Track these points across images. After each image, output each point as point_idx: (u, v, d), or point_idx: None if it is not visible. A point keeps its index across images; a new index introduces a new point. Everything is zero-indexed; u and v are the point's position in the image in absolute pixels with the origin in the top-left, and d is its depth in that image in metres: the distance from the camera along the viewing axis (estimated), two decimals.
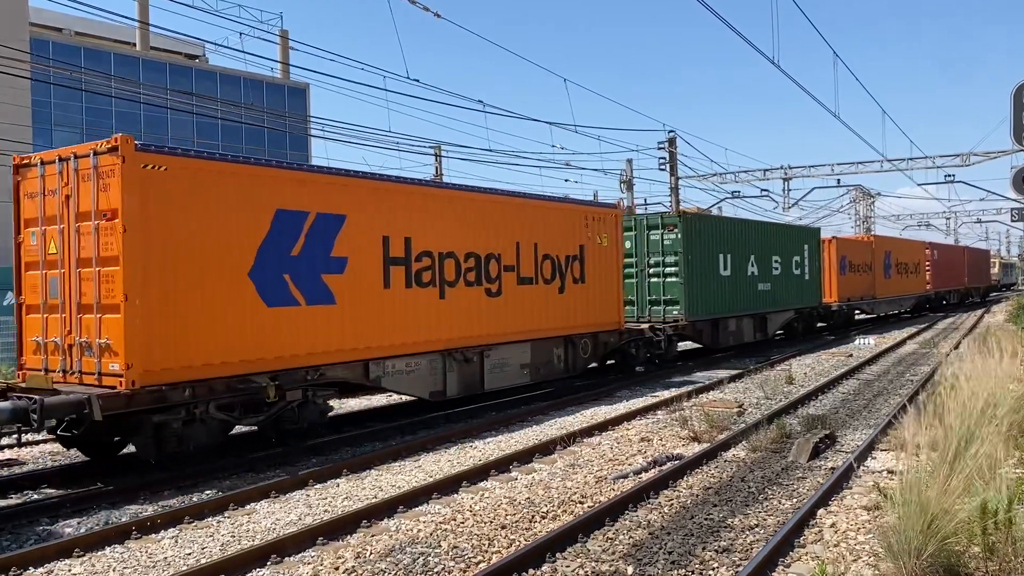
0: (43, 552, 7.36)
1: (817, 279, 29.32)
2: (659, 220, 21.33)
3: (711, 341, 22.75)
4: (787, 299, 26.63)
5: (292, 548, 7.40)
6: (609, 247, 17.88)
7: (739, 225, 24.52)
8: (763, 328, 25.42)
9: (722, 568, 6.82)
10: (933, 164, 39.44)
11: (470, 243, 14.24)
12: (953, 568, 5.96)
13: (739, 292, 23.47)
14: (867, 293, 35.23)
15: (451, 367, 13.93)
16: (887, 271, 37.81)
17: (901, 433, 10.37)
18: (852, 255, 33.71)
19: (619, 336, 18.41)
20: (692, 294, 21.04)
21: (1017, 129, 13.21)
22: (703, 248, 21.72)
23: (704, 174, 41.80)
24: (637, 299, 21.32)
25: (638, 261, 21.41)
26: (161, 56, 56.82)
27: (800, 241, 28.19)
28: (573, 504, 8.79)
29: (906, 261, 41.09)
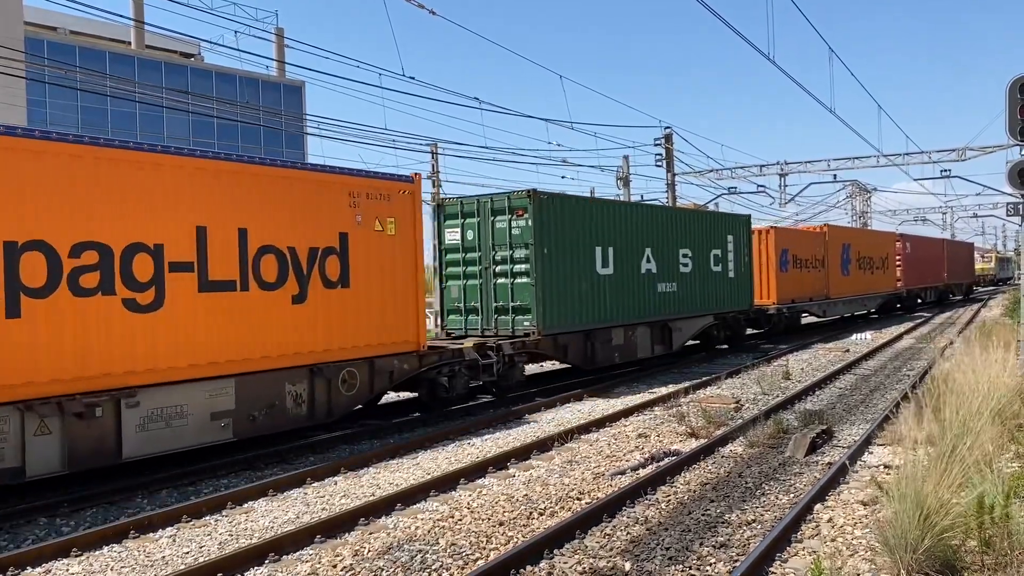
0: (41, 552, 7.35)
1: (747, 277, 24.32)
2: (506, 202, 16.35)
3: (584, 359, 17.50)
4: (702, 302, 21.80)
5: (290, 546, 7.41)
6: (398, 237, 13.01)
7: (625, 210, 19.42)
8: (666, 339, 20.29)
9: (719, 564, 6.83)
10: (929, 159, 39.49)
11: (81, 228, 9.20)
12: (950, 562, 5.98)
13: (628, 295, 18.59)
14: (818, 293, 30.41)
15: (42, 428, 8.83)
16: (845, 267, 33.06)
17: (898, 428, 10.43)
18: (797, 248, 28.80)
19: (417, 361, 13.44)
20: (550, 299, 16.20)
21: (1013, 124, 13.21)
22: (568, 239, 16.85)
23: (700, 170, 41.81)
24: (482, 307, 16.71)
25: (482, 256, 16.66)
26: (156, 55, 56.71)
27: (721, 231, 23.05)
28: (571, 501, 8.80)
29: (871, 255, 36.09)
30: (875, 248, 37.08)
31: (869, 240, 37.36)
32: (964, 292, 57.16)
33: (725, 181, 42.52)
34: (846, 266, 33.15)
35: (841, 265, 32.57)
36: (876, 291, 36.90)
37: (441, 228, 17.31)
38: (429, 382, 13.96)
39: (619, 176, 38.07)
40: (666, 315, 20.23)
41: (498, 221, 16.50)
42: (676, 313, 20.66)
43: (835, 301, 31.97)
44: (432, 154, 35.18)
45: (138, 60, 54.77)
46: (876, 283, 36.89)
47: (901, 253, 40.39)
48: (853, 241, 34.40)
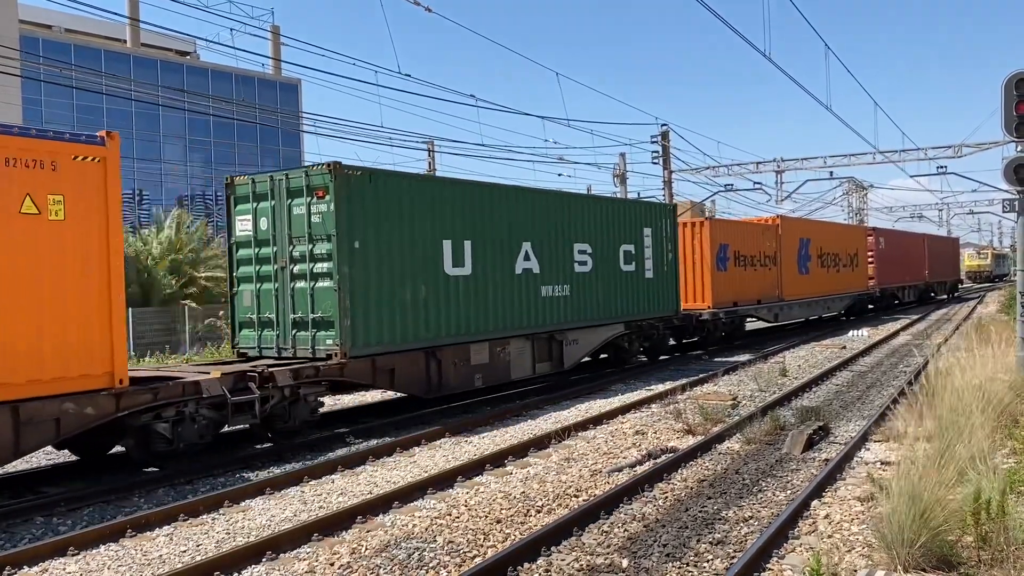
0: (37, 551, 7.34)
1: (671, 277, 20.54)
2: (303, 180, 12.46)
3: (424, 385, 13.60)
4: (608, 308, 18.07)
5: (287, 544, 7.40)
6: (70, 224, 9.25)
7: (489, 195, 15.14)
8: (554, 354, 16.62)
9: (717, 560, 6.84)
10: (925, 156, 39.58)
11: None
12: (946, 558, 6.00)
13: (495, 301, 14.91)
14: (769, 294, 26.58)
15: None
16: (803, 264, 29.27)
17: (894, 424, 10.45)
18: (740, 243, 24.88)
19: (112, 402, 9.62)
20: (364, 308, 12.39)
21: (1009, 120, 13.22)
22: (398, 229, 13.05)
23: (697, 167, 41.82)
24: (278, 318, 12.82)
25: (278, 252, 12.80)
26: (152, 53, 56.58)
27: (634, 223, 19.21)
28: (568, 498, 8.80)
29: (836, 251, 32.28)
30: (841, 243, 33.07)
31: (834, 234, 33.15)
32: (948, 291, 53.44)
33: (722, 178, 42.57)
34: (804, 263, 29.45)
35: (798, 262, 28.94)
36: (843, 291, 32.92)
37: (231, 215, 13.51)
38: (140, 431, 10.10)
39: (616, 173, 38.07)
40: (554, 325, 16.41)
41: (296, 205, 12.60)
42: (568, 322, 16.83)
43: (790, 303, 28.07)
44: (429, 151, 35.17)
45: (134, 58, 54.64)
46: (843, 282, 32.95)
47: (874, 249, 36.68)
48: (814, 235, 30.43)
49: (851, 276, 33.92)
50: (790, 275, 28.14)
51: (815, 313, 31.18)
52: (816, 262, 30.44)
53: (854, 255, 34.23)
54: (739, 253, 24.78)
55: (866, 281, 35.83)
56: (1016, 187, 13.60)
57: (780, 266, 27.39)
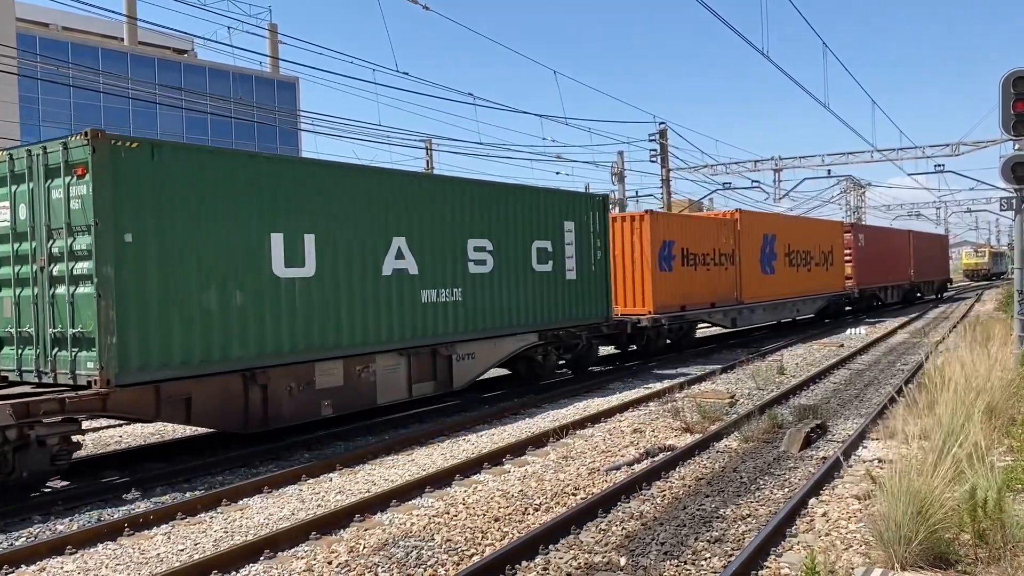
0: (35, 550, 7.33)
1: (601, 279, 17.87)
2: (61, 155, 9.66)
3: (240, 419, 10.86)
4: (515, 315, 15.42)
5: (285, 543, 7.40)
6: None
7: (342, 177, 12.36)
8: (441, 372, 13.88)
9: (714, 558, 6.85)
10: (923, 154, 39.61)
11: None
12: (944, 555, 6.00)
13: (353, 309, 12.24)
14: (725, 296, 23.85)
15: None
16: (767, 263, 26.37)
17: (892, 422, 10.46)
18: (689, 240, 22.03)
19: None
20: (140, 319, 9.74)
21: (1006, 118, 13.24)
22: (194, 218, 10.30)
23: (695, 166, 41.86)
24: (37, 332, 10.01)
25: (37, 248, 10.01)
26: (149, 51, 56.51)
27: (551, 215, 16.52)
28: (566, 496, 8.80)
29: (807, 249, 29.55)
30: (814, 240, 30.24)
31: (805, 230, 30.01)
32: (936, 291, 50.38)
33: (720, 176, 42.63)
34: (768, 262, 26.51)
35: (761, 261, 26.06)
36: (815, 292, 30.16)
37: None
38: None
39: (614, 172, 38.09)
40: (439, 337, 13.72)
41: (54, 188, 9.78)
42: (460, 333, 14.16)
43: (751, 306, 25.12)
44: (427, 150, 35.16)
45: (131, 56, 54.57)
46: (815, 282, 30.18)
47: (852, 246, 34.01)
48: (781, 231, 27.46)
49: (825, 276, 31.11)
50: (751, 275, 25.23)
51: (782, 316, 28.22)
52: (783, 261, 27.53)
53: (828, 253, 31.42)
54: (688, 251, 21.95)
55: (843, 281, 32.88)
56: (1014, 185, 13.62)
57: (739, 265, 24.43)
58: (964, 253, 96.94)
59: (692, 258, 22.20)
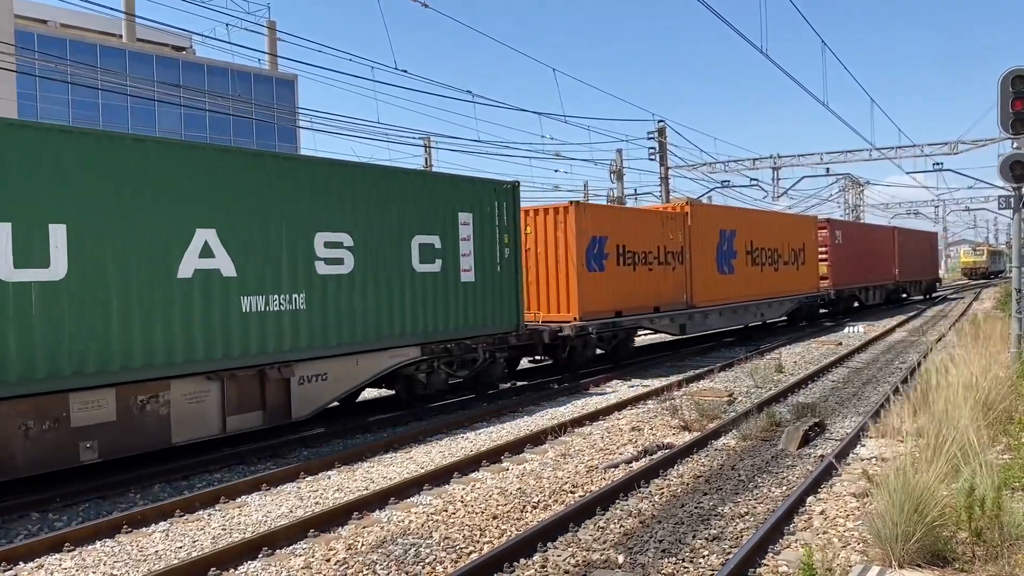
0: (33, 547, 7.33)
1: (509, 281, 15.19)
2: None
3: None
4: (385, 326, 12.76)
5: (283, 540, 7.40)
6: None
7: (113, 149, 9.60)
8: (272, 400, 11.26)
9: (712, 556, 6.86)
10: (921, 152, 39.63)
11: None
12: (941, 553, 6.01)
13: (132, 320, 9.63)
14: (672, 300, 20.87)
15: None
16: (725, 261, 23.64)
17: (890, 421, 10.48)
18: (625, 235, 19.15)
19: None
20: None
21: (1005, 117, 13.25)
22: None
23: (694, 164, 41.88)
24: None
25: None
26: (148, 48, 56.46)
27: (439, 204, 13.83)
28: (564, 494, 8.81)
29: (774, 246, 26.81)
30: (782, 237, 27.49)
31: (772, 226, 27.20)
32: (924, 291, 47.64)
33: (718, 175, 42.65)
34: (726, 261, 23.75)
35: (718, 260, 23.25)
36: (784, 293, 27.40)
37: None
38: None
39: (612, 170, 38.10)
40: (270, 355, 11.12)
41: None
42: (301, 349, 11.53)
43: (704, 310, 22.16)
44: (425, 147, 35.14)
45: (129, 53, 54.53)
46: (784, 283, 27.39)
47: (828, 244, 31.52)
48: (741, 227, 24.65)
49: (796, 276, 28.33)
50: (705, 275, 22.41)
51: (742, 321, 25.14)
52: (745, 259, 24.79)
53: (799, 251, 28.68)
54: (625, 248, 19.16)
55: (817, 281, 30.21)
56: (1012, 184, 13.63)
57: (690, 264, 21.63)
58: (962, 251, 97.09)
59: (630, 256, 19.38)
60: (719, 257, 23.39)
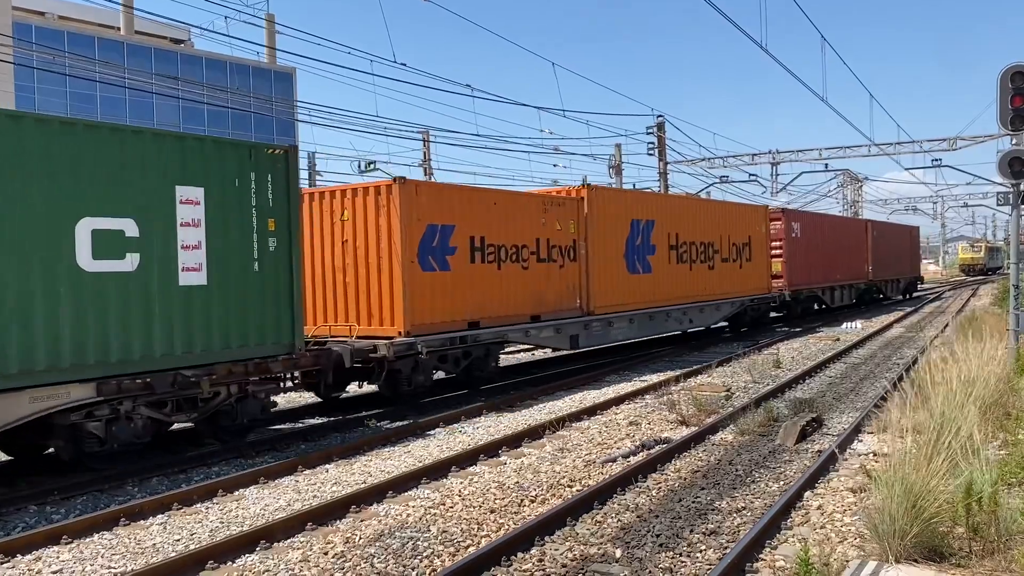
0: (31, 539, 7.33)
1: (278, 284, 11.35)
2: None
3: None
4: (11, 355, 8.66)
5: (281, 533, 7.41)
6: None
7: None
8: None
9: (709, 551, 6.87)
10: (920, 148, 39.66)
11: None
12: (938, 549, 6.02)
13: None
14: (560, 305, 16.77)
15: None
16: (638, 258, 19.36)
17: (887, 416, 10.48)
18: (483, 224, 15.10)
19: None
20: None
21: (1004, 113, 13.24)
22: None
23: (692, 159, 41.86)
24: None
25: None
26: (146, 40, 56.29)
27: (139, 169, 9.79)
28: (562, 488, 8.82)
29: (708, 240, 22.54)
30: (720, 229, 23.28)
31: (706, 216, 22.95)
32: (903, 290, 43.42)
33: (717, 170, 42.63)
34: (641, 257, 19.53)
35: (628, 256, 19.06)
36: (723, 295, 23.28)
37: None
38: None
39: (611, 165, 38.07)
40: None
41: None
42: None
43: (606, 318, 18.11)
44: (424, 142, 35.10)
45: (127, 46, 54.36)
46: (722, 283, 23.24)
47: (783, 238, 27.64)
48: (663, 216, 20.50)
49: (739, 275, 24.18)
50: (609, 275, 18.28)
51: (662, 330, 20.91)
52: (666, 255, 20.62)
53: (744, 246, 24.53)
54: (484, 241, 14.94)
55: (767, 281, 26.16)
56: (1010, 180, 13.63)
57: (586, 262, 17.50)
58: (960, 248, 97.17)
59: (492, 251, 15.10)
60: (631, 253, 19.21)
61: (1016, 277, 14.31)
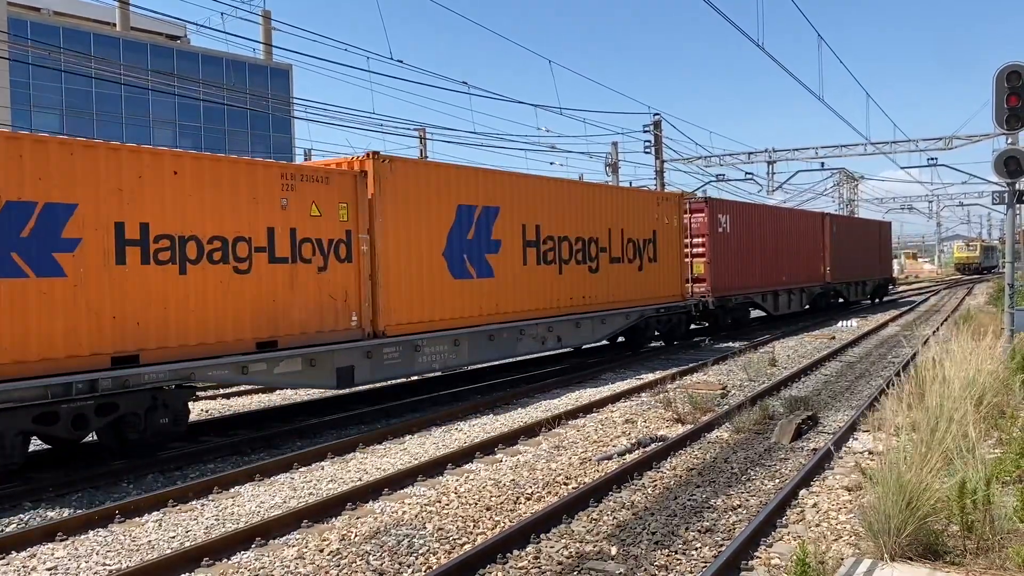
0: (26, 536, 7.32)
1: None
2: None
3: None
4: None
5: (277, 531, 7.40)
6: None
7: None
8: None
9: (705, 548, 6.88)
10: (916, 147, 39.67)
11: None
12: (932, 546, 6.04)
13: None
14: (320, 327, 12.11)
15: None
16: (468, 256, 14.78)
17: (882, 414, 10.49)
18: (147, 205, 10.10)
19: None
20: None
21: (1000, 112, 13.27)
22: None
23: (689, 157, 41.86)
24: None
25: None
26: (142, 37, 56.12)
27: None
28: (558, 485, 8.83)
29: (590, 234, 17.91)
30: (608, 220, 18.50)
31: (584, 204, 17.90)
32: (872, 294, 38.89)
33: (713, 168, 42.60)
34: (473, 257, 14.81)
35: (452, 254, 14.35)
36: (608, 304, 18.33)
37: None
38: None
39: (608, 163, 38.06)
40: None
41: None
42: None
43: (412, 340, 13.53)
44: (420, 139, 35.06)
45: (123, 42, 54.19)
46: (610, 289, 18.42)
47: (706, 234, 22.94)
48: (512, 202, 15.83)
49: (638, 279, 19.43)
50: (414, 280, 13.63)
51: (510, 352, 15.88)
52: (520, 254, 15.88)
53: (647, 242, 19.82)
54: (146, 230, 10.14)
55: (678, 286, 21.25)
56: (1006, 179, 13.66)
57: (368, 262, 12.87)
58: (956, 247, 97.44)
59: (167, 246, 10.30)
60: (456, 250, 14.43)
61: (1011, 276, 14.35)
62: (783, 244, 27.95)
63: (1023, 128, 13.20)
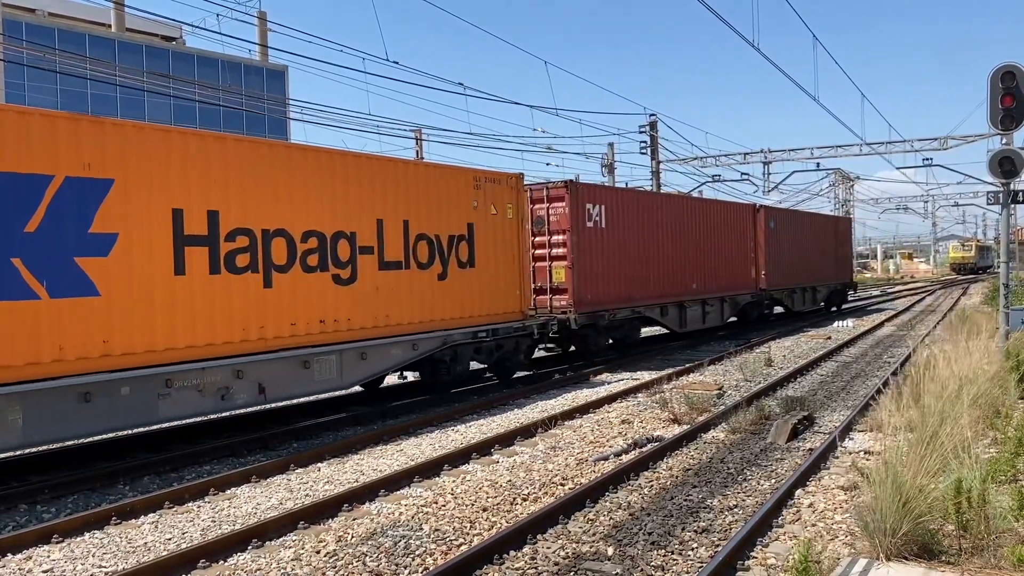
0: (21, 538, 7.30)
1: None
2: None
3: None
4: None
5: (273, 532, 7.40)
6: None
7: None
8: None
9: (701, 548, 6.88)
10: (911, 148, 39.76)
11: None
12: (928, 546, 6.05)
13: None
14: None
15: None
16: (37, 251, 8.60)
17: (878, 414, 10.52)
18: None
19: None
20: None
21: (994, 113, 13.30)
22: None
23: (685, 158, 41.88)
24: None
25: None
26: (137, 38, 56.03)
27: None
28: (554, 486, 8.83)
29: (336, 228, 12.11)
30: (375, 207, 12.83)
31: (333, 178, 12.17)
32: (824, 301, 33.41)
33: (709, 169, 42.66)
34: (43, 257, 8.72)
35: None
36: (371, 330, 12.63)
37: None
38: None
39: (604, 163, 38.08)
40: None
41: None
42: None
43: None
44: (416, 140, 35.03)
45: (118, 43, 54.09)
46: (376, 309, 12.74)
47: (567, 229, 17.81)
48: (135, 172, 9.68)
49: (437, 290, 14.07)
50: None
51: (151, 418, 9.83)
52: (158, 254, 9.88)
53: (459, 239, 14.57)
54: None
55: (518, 299, 16.00)
56: (1000, 179, 13.69)
57: None
58: (951, 247, 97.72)
59: None
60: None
61: (1006, 276, 14.38)
62: (694, 243, 22.81)
63: (1018, 128, 13.23)
